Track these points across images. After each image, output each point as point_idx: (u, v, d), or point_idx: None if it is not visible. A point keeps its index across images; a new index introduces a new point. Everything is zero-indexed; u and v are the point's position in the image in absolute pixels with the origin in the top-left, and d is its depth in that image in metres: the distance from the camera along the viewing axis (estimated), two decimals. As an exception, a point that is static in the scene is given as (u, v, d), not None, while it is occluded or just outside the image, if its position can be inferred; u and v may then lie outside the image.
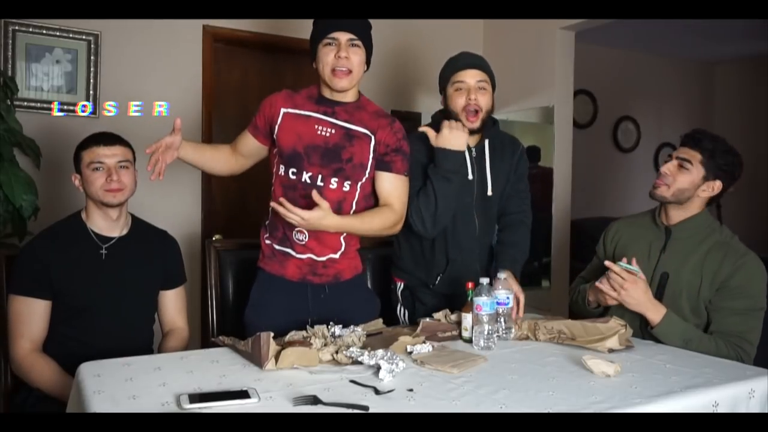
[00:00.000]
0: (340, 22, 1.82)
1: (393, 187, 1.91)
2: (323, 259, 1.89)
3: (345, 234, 1.89)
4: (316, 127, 1.85)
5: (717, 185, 1.90)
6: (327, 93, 1.89)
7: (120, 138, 1.89)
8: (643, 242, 2.01)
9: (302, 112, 1.87)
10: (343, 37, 1.82)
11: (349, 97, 1.90)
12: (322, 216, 1.71)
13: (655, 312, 1.82)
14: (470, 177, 2.07)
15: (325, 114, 1.86)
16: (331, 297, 1.91)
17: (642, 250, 1.99)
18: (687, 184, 1.89)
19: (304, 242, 1.86)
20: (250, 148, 1.98)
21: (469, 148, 2.06)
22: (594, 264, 2.19)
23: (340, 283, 1.93)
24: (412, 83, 4.13)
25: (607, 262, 1.84)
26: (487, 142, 2.10)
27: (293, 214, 1.69)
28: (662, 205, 1.98)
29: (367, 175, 1.88)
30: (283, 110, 1.88)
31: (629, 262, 1.83)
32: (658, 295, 1.90)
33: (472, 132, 2.03)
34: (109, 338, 1.81)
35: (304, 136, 1.84)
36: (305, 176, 1.83)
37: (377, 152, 1.88)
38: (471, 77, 2.02)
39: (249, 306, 1.92)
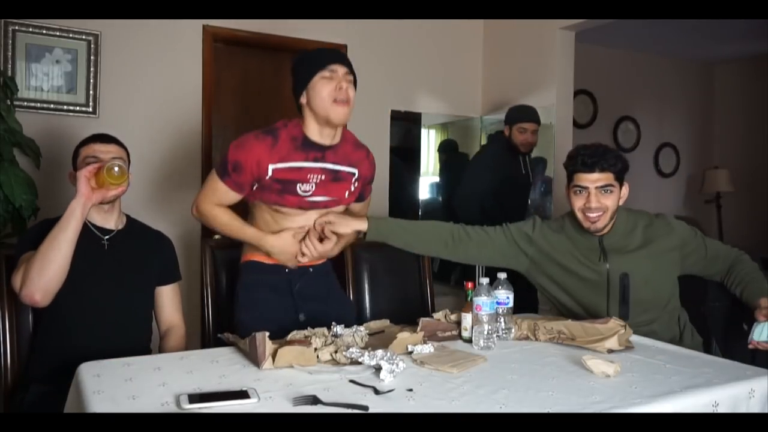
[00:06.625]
0: (339, 55, 1.83)
1: (363, 210, 2.15)
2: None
3: None
4: (309, 176, 1.86)
5: (626, 188, 2.03)
6: (315, 135, 1.86)
7: (117, 139, 1.94)
8: (582, 250, 2.04)
9: (293, 165, 1.84)
10: (341, 69, 1.82)
11: (337, 137, 1.90)
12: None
13: None
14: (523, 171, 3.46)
15: (315, 160, 1.87)
16: (314, 276, 2.02)
17: (578, 258, 2.04)
18: (615, 202, 1.99)
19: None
20: (234, 200, 1.92)
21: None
22: (496, 234, 2.12)
23: (318, 266, 2.04)
24: (412, 83, 4.13)
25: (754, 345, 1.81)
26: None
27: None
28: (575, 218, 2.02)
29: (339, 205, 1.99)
30: (271, 167, 1.82)
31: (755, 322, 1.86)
32: (624, 294, 1.99)
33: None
34: (111, 329, 1.82)
35: (302, 188, 1.87)
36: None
37: (356, 188, 2.00)
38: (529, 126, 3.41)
39: (240, 307, 1.95)
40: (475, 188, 3.52)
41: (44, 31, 3.08)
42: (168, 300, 2.00)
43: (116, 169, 1.72)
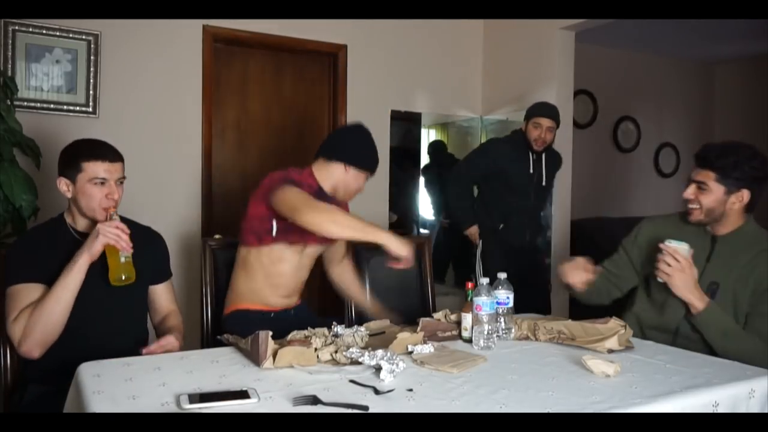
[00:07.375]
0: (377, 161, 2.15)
1: None
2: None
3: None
4: None
5: (745, 194, 1.85)
6: (329, 190, 2.10)
7: (120, 154, 1.87)
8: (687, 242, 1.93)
9: None
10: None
11: None
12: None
13: (699, 300, 1.80)
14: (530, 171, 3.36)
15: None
16: (296, 315, 2.14)
17: None
18: (712, 203, 1.86)
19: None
20: None
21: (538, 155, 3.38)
22: (616, 260, 2.14)
23: (298, 306, 2.20)
24: (412, 83, 4.13)
25: (661, 245, 1.83)
26: (544, 155, 3.40)
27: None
28: None
29: None
30: None
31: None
32: None
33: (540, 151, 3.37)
34: (107, 330, 1.81)
35: None
36: None
37: None
38: (543, 122, 3.31)
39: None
40: (462, 168, 3.51)
41: (44, 31, 3.08)
42: (163, 294, 1.99)
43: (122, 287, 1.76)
